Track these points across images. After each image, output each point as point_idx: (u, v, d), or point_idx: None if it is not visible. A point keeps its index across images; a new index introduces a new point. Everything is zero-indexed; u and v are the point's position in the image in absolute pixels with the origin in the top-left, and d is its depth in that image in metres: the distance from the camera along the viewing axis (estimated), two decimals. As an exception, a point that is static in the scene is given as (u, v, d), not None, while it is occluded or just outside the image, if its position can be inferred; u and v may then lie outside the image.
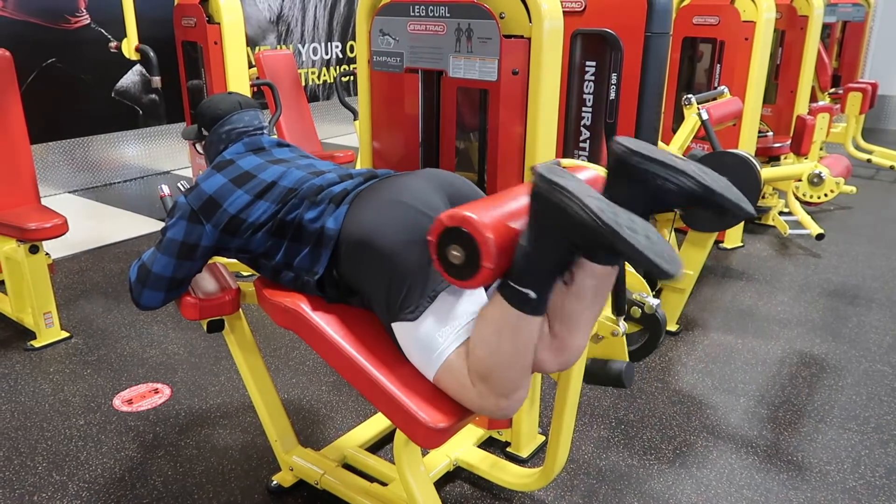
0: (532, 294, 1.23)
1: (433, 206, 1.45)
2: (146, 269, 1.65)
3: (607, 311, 1.71)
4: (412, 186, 1.50)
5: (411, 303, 1.37)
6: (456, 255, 1.22)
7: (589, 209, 1.12)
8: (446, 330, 1.35)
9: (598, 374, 1.71)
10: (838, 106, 5.30)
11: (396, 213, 1.42)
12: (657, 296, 2.20)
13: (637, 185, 1.25)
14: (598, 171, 1.47)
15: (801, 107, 4.58)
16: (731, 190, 1.27)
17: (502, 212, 1.26)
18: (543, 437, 2.26)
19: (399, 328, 1.41)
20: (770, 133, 4.45)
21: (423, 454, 2.04)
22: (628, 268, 1.96)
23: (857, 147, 5.75)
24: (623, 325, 1.70)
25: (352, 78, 6.75)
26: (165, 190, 1.91)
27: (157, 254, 1.64)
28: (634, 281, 1.98)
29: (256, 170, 1.64)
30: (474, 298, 1.39)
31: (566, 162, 1.64)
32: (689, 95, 3.00)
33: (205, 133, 1.85)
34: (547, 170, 1.18)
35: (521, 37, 1.75)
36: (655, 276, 1.11)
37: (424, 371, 1.41)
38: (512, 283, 1.24)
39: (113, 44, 3.90)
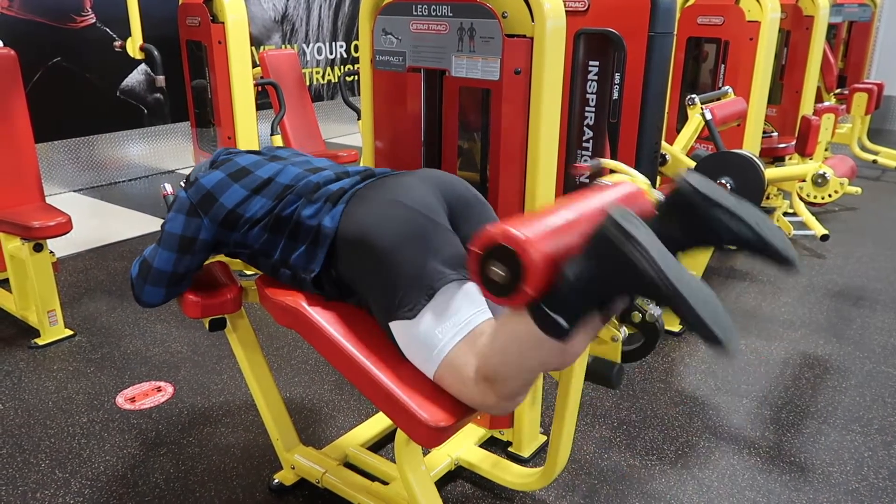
0: (565, 325, 1.19)
1: (430, 206, 1.45)
2: (147, 264, 1.66)
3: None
4: (409, 186, 1.50)
5: (409, 301, 1.37)
6: (497, 273, 1.17)
7: (660, 271, 1.08)
8: (445, 326, 1.36)
9: (588, 371, 1.72)
10: (844, 106, 5.28)
11: (393, 212, 1.43)
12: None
13: (694, 227, 1.22)
14: (639, 185, 1.45)
15: (807, 107, 4.56)
16: (784, 242, 1.23)
17: (553, 233, 1.20)
18: (545, 437, 2.26)
19: (397, 327, 1.41)
20: (775, 133, 4.44)
21: (425, 453, 2.04)
22: None
23: (863, 148, 5.72)
24: (623, 332, 1.70)
25: (356, 77, 6.75)
26: (168, 188, 1.91)
27: (157, 249, 1.66)
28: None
29: (253, 166, 1.65)
30: (472, 295, 1.40)
31: (611, 163, 1.61)
32: (693, 95, 3.00)
33: None
34: (621, 215, 1.13)
35: (524, 36, 1.75)
36: (708, 345, 1.07)
37: (424, 369, 1.41)
38: (546, 309, 1.19)
39: (118, 43, 3.92)
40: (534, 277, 1.14)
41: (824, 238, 3.96)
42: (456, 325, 1.36)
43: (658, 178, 2.93)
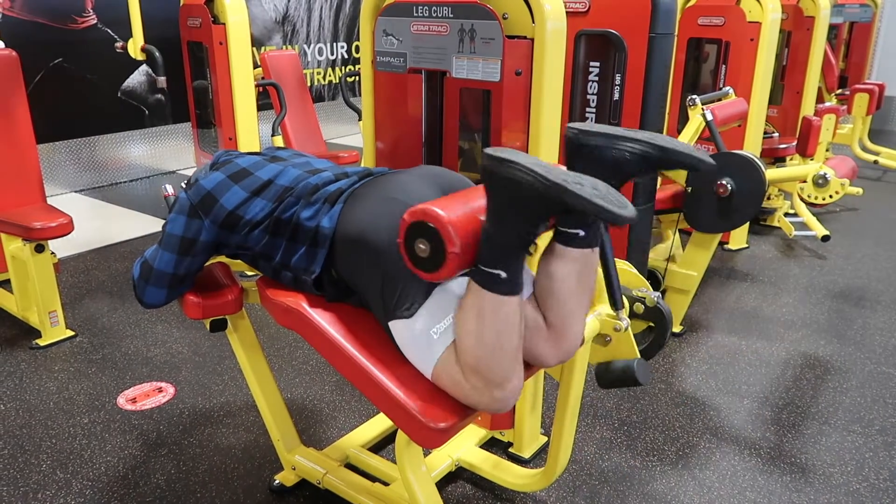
0: (502, 274, 1.26)
1: (425, 201, 1.45)
2: (149, 265, 1.67)
3: (608, 309, 1.70)
4: (406, 183, 1.51)
5: (406, 300, 1.38)
6: (422, 248, 1.26)
7: (535, 172, 1.18)
8: (440, 326, 1.36)
9: (610, 376, 1.70)
10: (845, 107, 5.27)
11: (390, 209, 1.42)
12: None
13: (594, 161, 1.35)
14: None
15: (808, 108, 4.56)
16: (686, 146, 1.36)
17: (463, 202, 1.31)
18: (546, 438, 2.26)
19: (396, 326, 1.41)
20: (776, 134, 4.44)
21: (425, 454, 2.04)
22: (627, 266, 1.95)
23: (864, 148, 5.72)
24: (625, 320, 1.69)
25: (357, 78, 6.76)
26: (169, 189, 1.91)
27: (158, 250, 1.66)
28: (634, 279, 1.98)
29: (253, 167, 1.65)
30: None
31: None
32: (694, 96, 2.99)
33: None
34: (495, 150, 1.24)
35: (525, 37, 1.75)
36: (609, 221, 1.17)
37: (422, 369, 1.41)
38: (481, 267, 1.27)
39: (119, 44, 3.91)
40: (448, 235, 1.23)
41: (825, 239, 3.96)
42: (449, 324, 1.36)
43: (659, 179, 2.93)
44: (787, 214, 4.35)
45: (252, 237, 1.59)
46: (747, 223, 3.97)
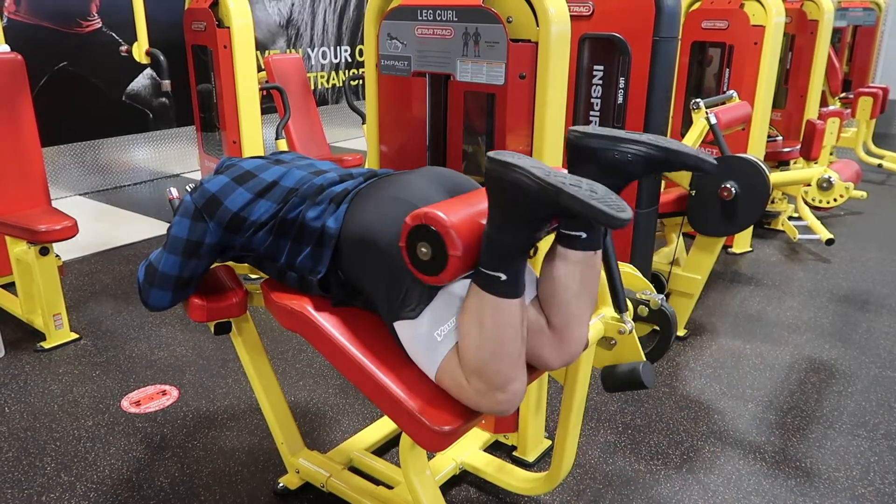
0: (502, 276, 1.26)
1: (430, 201, 1.44)
2: (153, 268, 1.67)
3: (612, 312, 1.70)
4: (412, 183, 1.51)
5: (411, 301, 1.38)
6: (424, 252, 1.27)
7: (533, 175, 1.19)
8: (444, 328, 1.36)
9: (616, 379, 1.69)
10: (849, 110, 5.27)
11: (396, 210, 1.42)
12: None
13: (596, 163, 1.36)
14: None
15: (811, 111, 4.55)
16: (689, 148, 1.36)
17: (465, 205, 1.32)
18: (550, 442, 2.26)
19: (401, 327, 1.41)
20: (780, 137, 4.43)
21: (429, 457, 2.04)
22: (631, 269, 1.95)
23: (868, 152, 5.71)
24: (630, 323, 1.69)
25: (360, 82, 6.77)
26: (174, 193, 1.92)
27: (163, 253, 1.66)
28: (638, 282, 1.98)
29: (257, 169, 1.65)
30: None
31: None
32: (698, 99, 2.99)
33: None
34: (497, 153, 1.25)
35: (529, 41, 1.75)
36: (604, 224, 1.16)
37: (427, 370, 1.41)
38: (482, 269, 1.28)
39: (124, 47, 3.93)
40: (450, 238, 1.24)
41: (830, 242, 3.95)
42: (452, 326, 1.36)
43: (663, 182, 2.93)
44: (791, 218, 4.34)
45: (257, 238, 1.60)
46: (751, 227, 3.98)
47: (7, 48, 3.12)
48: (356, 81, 6.83)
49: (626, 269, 1.94)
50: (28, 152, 3.09)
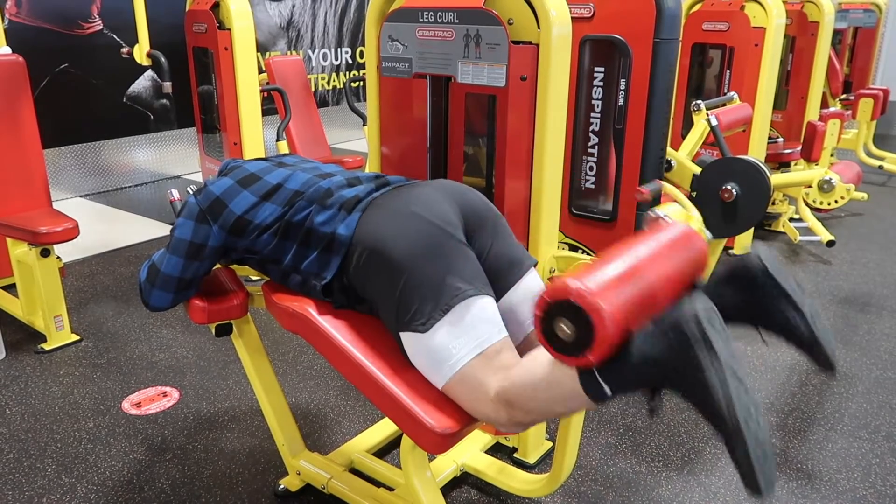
0: (609, 392, 1.16)
1: (448, 220, 1.45)
2: (156, 269, 1.67)
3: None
4: (427, 197, 1.50)
5: (423, 315, 1.37)
6: (564, 331, 1.12)
7: (729, 400, 1.03)
8: (461, 341, 1.36)
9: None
10: (849, 112, 5.27)
11: (411, 224, 1.42)
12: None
13: (752, 304, 1.21)
14: (693, 224, 1.43)
15: (812, 113, 4.55)
16: (832, 345, 1.22)
17: (622, 289, 1.12)
18: (551, 444, 2.26)
19: (408, 338, 1.41)
20: (780, 139, 4.44)
21: (430, 459, 2.04)
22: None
23: (869, 153, 5.71)
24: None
25: (361, 83, 6.78)
26: (175, 194, 1.92)
27: (166, 254, 1.66)
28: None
29: (262, 172, 1.65)
30: (488, 311, 1.40)
31: (669, 189, 1.55)
32: (699, 101, 2.99)
33: None
34: (706, 316, 1.07)
35: (530, 43, 1.76)
36: (746, 489, 1.03)
37: (433, 379, 1.41)
38: (597, 375, 1.16)
39: (125, 49, 3.93)
40: (601, 348, 1.09)
41: (830, 244, 3.95)
42: (472, 340, 1.36)
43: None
44: (791, 219, 4.34)
45: (260, 241, 1.60)
46: (752, 228, 3.97)
47: (8, 50, 3.12)
48: (357, 83, 6.84)
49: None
50: (29, 154, 3.10)
